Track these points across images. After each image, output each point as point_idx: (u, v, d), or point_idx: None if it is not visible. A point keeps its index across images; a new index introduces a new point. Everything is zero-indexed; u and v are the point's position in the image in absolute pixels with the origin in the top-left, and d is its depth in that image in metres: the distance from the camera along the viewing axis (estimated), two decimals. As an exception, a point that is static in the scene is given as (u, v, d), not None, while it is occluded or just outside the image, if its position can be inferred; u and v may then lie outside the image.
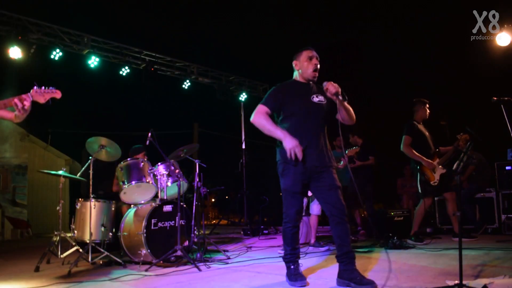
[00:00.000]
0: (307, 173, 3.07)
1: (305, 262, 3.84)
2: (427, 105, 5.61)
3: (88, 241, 4.39)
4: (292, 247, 3.15)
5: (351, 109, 3.18)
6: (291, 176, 3.08)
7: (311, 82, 3.27)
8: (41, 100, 2.92)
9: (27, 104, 2.84)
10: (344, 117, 3.17)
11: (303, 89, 3.22)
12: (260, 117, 3.11)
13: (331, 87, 3.04)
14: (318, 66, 3.21)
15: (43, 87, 2.93)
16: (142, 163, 4.81)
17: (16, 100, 2.83)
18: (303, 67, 3.22)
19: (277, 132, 3.03)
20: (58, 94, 3.00)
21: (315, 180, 3.10)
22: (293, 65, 3.31)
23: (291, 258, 3.13)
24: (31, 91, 2.90)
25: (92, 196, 4.61)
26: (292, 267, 3.11)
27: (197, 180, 5.15)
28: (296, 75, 3.32)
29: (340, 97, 3.03)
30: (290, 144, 2.94)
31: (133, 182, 4.67)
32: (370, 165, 6.98)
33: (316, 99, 3.19)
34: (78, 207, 4.72)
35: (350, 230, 3.10)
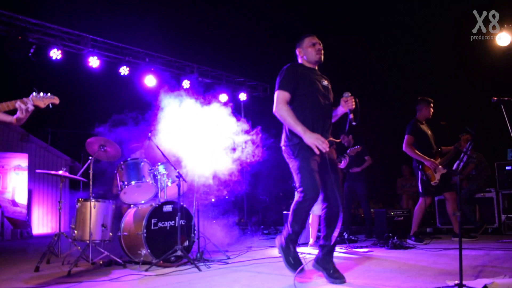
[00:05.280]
0: (320, 157, 3.06)
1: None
2: (432, 105, 5.58)
3: (88, 241, 4.40)
4: (302, 228, 3.04)
5: None
6: (308, 156, 3.01)
7: (316, 67, 3.34)
8: (41, 105, 3.06)
9: (30, 106, 2.95)
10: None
11: (312, 72, 3.27)
12: (282, 109, 3.07)
13: (350, 103, 3.17)
14: (322, 50, 3.29)
15: (41, 93, 3.07)
16: (142, 163, 4.82)
17: (19, 102, 2.93)
18: (308, 52, 3.28)
19: (297, 128, 3.00)
20: (56, 100, 3.17)
21: (323, 165, 3.09)
22: (297, 53, 3.35)
23: (295, 238, 3.05)
24: (31, 96, 3.03)
25: (92, 196, 4.61)
26: (291, 247, 3.02)
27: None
28: (301, 62, 3.35)
29: (351, 116, 3.16)
30: (311, 138, 2.93)
31: (133, 182, 4.67)
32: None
33: (324, 82, 3.28)
34: (78, 207, 4.71)
35: (340, 225, 3.15)
